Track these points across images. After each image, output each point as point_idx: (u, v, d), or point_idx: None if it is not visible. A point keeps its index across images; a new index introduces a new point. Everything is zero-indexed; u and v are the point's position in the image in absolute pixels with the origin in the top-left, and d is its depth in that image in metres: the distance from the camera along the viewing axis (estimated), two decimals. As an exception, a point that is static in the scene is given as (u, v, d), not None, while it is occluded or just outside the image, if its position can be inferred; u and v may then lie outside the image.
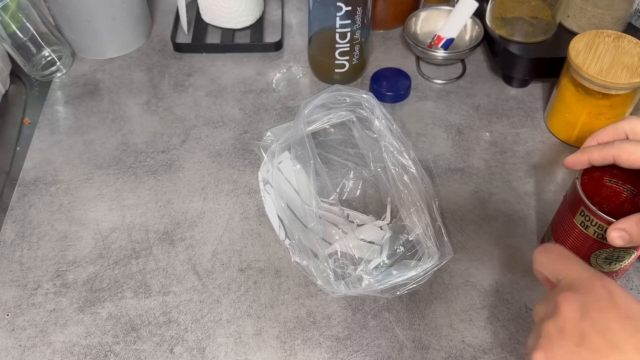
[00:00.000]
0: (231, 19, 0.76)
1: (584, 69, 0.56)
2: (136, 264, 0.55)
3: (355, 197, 0.60)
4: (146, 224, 0.58)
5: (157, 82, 0.73)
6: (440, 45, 0.71)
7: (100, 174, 0.62)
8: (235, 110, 0.69)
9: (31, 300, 0.52)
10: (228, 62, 0.75)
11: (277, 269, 0.54)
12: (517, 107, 0.69)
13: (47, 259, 0.55)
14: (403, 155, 0.55)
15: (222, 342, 0.50)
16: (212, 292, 0.53)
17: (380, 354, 0.49)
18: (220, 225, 0.58)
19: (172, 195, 0.60)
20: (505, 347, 0.49)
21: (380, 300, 0.52)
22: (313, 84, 0.72)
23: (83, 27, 0.72)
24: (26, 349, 0.49)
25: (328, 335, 0.50)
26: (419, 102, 0.70)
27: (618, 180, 0.46)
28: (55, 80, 0.73)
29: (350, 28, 0.64)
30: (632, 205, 0.45)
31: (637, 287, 0.53)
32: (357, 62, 0.69)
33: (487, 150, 0.64)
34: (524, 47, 0.67)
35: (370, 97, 0.57)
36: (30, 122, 0.68)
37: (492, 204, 0.59)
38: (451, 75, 0.73)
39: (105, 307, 0.52)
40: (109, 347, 0.49)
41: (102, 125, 0.67)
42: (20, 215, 0.59)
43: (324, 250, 0.51)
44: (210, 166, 0.63)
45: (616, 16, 0.65)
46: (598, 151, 0.44)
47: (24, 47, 0.70)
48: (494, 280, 0.53)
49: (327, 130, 0.65)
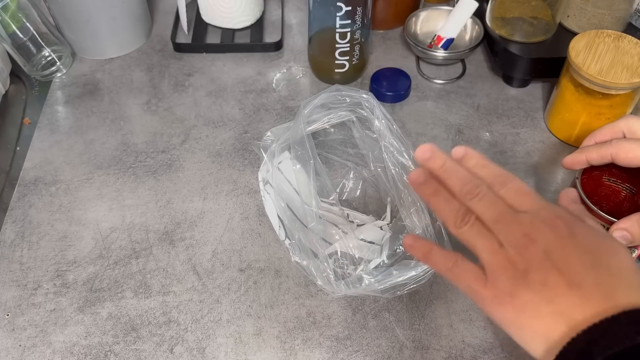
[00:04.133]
0: (231, 19, 0.76)
1: (584, 69, 0.56)
2: (136, 264, 0.55)
3: (355, 197, 0.60)
4: (146, 224, 0.58)
5: (157, 82, 0.73)
6: (440, 45, 0.71)
7: (100, 174, 0.62)
8: (235, 110, 0.69)
9: (31, 300, 0.52)
10: (228, 62, 0.75)
11: (277, 269, 0.54)
12: (517, 107, 0.69)
13: (47, 259, 0.55)
14: (403, 155, 0.55)
15: (222, 342, 0.50)
16: (212, 292, 0.53)
17: (380, 354, 0.49)
18: (220, 225, 0.58)
19: (172, 195, 0.60)
20: (505, 347, 0.49)
21: (380, 300, 0.52)
22: (313, 84, 0.72)
23: (83, 27, 0.72)
24: (26, 349, 0.49)
25: (328, 335, 0.50)
26: (419, 102, 0.70)
27: (617, 179, 0.46)
28: (55, 80, 0.73)
29: (350, 28, 0.64)
30: (631, 203, 0.45)
31: (637, 287, 0.53)
32: (357, 62, 0.69)
33: (487, 150, 0.64)
34: (524, 47, 0.67)
35: (370, 97, 0.57)
36: (30, 122, 0.68)
37: (492, 203, 0.59)
38: (451, 75, 0.73)
39: (105, 307, 0.52)
40: (109, 347, 0.49)
41: (102, 125, 0.68)
42: (20, 215, 0.59)
43: (324, 250, 0.51)
44: (210, 166, 0.63)
45: (616, 16, 0.65)
46: (596, 150, 0.44)
47: (24, 47, 0.70)
48: (494, 280, 0.53)
49: (327, 130, 0.65)
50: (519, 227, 0.34)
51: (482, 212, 0.35)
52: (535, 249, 0.33)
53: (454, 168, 0.37)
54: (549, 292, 0.32)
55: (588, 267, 0.32)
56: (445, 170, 0.37)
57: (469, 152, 0.38)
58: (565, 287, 0.31)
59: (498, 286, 0.33)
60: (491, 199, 0.35)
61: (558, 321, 0.31)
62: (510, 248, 0.33)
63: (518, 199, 0.35)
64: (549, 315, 0.31)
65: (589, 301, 0.31)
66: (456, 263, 0.36)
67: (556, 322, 0.31)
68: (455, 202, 0.36)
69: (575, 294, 0.31)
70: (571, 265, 0.32)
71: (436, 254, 0.37)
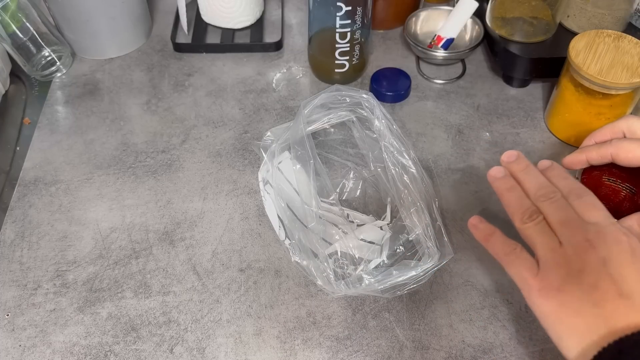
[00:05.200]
0: (231, 19, 0.76)
1: (584, 69, 0.56)
2: (136, 264, 0.55)
3: (355, 197, 0.60)
4: (146, 224, 0.58)
5: (157, 82, 0.73)
6: (440, 45, 0.71)
7: (100, 174, 0.62)
8: (235, 110, 0.69)
9: (31, 300, 0.52)
10: (228, 62, 0.75)
11: (277, 269, 0.54)
12: (517, 107, 0.69)
13: (47, 259, 0.55)
14: (403, 155, 0.55)
15: (222, 342, 0.50)
16: (212, 292, 0.53)
17: (380, 354, 0.49)
18: (220, 225, 0.58)
19: (172, 195, 0.60)
20: (505, 347, 0.49)
21: (380, 300, 0.52)
22: (313, 84, 0.72)
23: (83, 27, 0.72)
24: (26, 349, 0.49)
25: (328, 335, 0.50)
26: (419, 102, 0.70)
27: (617, 178, 0.46)
28: (55, 80, 0.73)
29: (350, 28, 0.64)
30: (631, 203, 0.45)
31: (637, 287, 0.53)
32: (357, 62, 0.69)
33: (487, 150, 0.64)
34: (524, 47, 0.67)
35: (370, 97, 0.57)
36: (30, 122, 0.68)
37: (492, 204, 0.59)
38: (451, 75, 0.73)
39: (105, 307, 0.52)
40: (109, 347, 0.49)
41: (102, 125, 0.68)
42: (20, 215, 0.59)
43: (324, 250, 0.51)
44: (210, 166, 0.63)
45: (616, 16, 0.65)
46: (596, 150, 0.44)
47: (24, 47, 0.70)
48: (494, 280, 0.53)
49: (327, 130, 0.65)
50: (583, 233, 0.35)
51: (551, 213, 0.36)
52: (594, 255, 0.34)
53: (535, 173, 0.39)
54: (598, 295, 0.32)
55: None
56: (527, 172, 0.39)
57: (554, 165, 0.41)
58: (616, 295, 0.32)
59: (548, 279, 0.34)
60: (563, 204, 0.37)
61: (599, 324, 0.31)
62: (570, 247, 0.34)
63: (589, 211, 0.36)
64: (592, 316, 0.32)
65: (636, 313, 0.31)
66: (514, 251, 0.37)
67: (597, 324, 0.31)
68: (527, 200, 0.38)
69: (623, 304, 0.32)
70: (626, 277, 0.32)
71: (497, 238, 0.39)
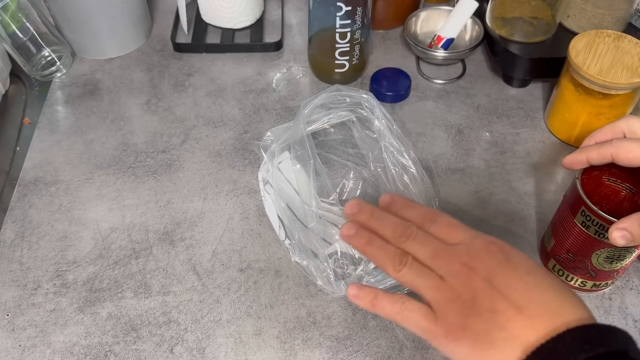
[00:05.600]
0: (231, 19, 0.76)
1: (584, 69, 0.56)
2: (136, 264, 0.55)
3: (355, 197, 0.60)
4: (146, 224, 0.58)
5: (157, 82, 0.73)
6: (440, 45, 0.71)
7: (100, 174, 0.62)
8: (235, 110, 0.69)
9: (31, 300, 0.52)
10: (228, 62, 0.75)
11: (277, 269, 0.54)
12: (517, 107, 0.69)
13: (47, 259, 0.55)
14: (403, 155, 0.55)
15: (222, 342, 0.50)
16: (212, 292, 0.53)
17: (380, 354, 0.49)
18: (220, 225, 0.58)
19: (172, 195, 0.60)
20: (505, 347, 0.49)
21: (380, 300, 0.52)
22: (313, 84, 0.72)
23: (83, 27, 0.72)
24: (26, 349, 0.49)
25: (328, 335, 0.50)
26: (419, 102, 0.70)
27: (617, 179, 0.46)
28: (55, 80, 0.73)
29: (350, 28, 0.64)
30: (631, 203, 0.45)
31: (637, 287, 0.53)
32: (357, 62, 0.69)
33: (487, 150, 0.64)
34: (524, 47, 0.67)
35: (370, 97, 0.57)
36: (30, 122, 0.68)
37: (492, 204, 0.59)
38: (451, 75, 0.73)
39: (105, 307, 0.52)
40: (109, 347, 0.49)
41: (102, 125, 0.68)
42: (20, 215, 0.59)
43: (324, 250, 0.51)
44: (210, 166, 0.63)
45: (616, 16, 0.65)
46: (596, 150, 0.44)
47: (24, 47, 0.70)
48: (494, 280, 0.53)
49: (327, 130, 0.65)
50: (456, 259, 0.34)
51: (417, 251, 0.35)
52: (477, 278, 0.33)
53: (382, 215, 0.38)
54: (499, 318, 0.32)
55: (531, 288, 0.32)
56: (375, 218, 0.38)
57: (395, 197, 0.39)
58: (514, 311, 0.31)
59: (449, 320, 0.33)
60: (424, 237, 0.36)
61: (513, 347, 0.31)
62: (452, 279, 0.33)
63: (449, 232, 0.36)
64: (504, 341, 0.31)
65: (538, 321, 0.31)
66: (403, 305, 0.35)
67: (512, 348, 0.31)
68: (390, 247, 0.36)
69: (523, 317, 0.31)
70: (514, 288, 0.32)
71: (382, 299, 0.36)
